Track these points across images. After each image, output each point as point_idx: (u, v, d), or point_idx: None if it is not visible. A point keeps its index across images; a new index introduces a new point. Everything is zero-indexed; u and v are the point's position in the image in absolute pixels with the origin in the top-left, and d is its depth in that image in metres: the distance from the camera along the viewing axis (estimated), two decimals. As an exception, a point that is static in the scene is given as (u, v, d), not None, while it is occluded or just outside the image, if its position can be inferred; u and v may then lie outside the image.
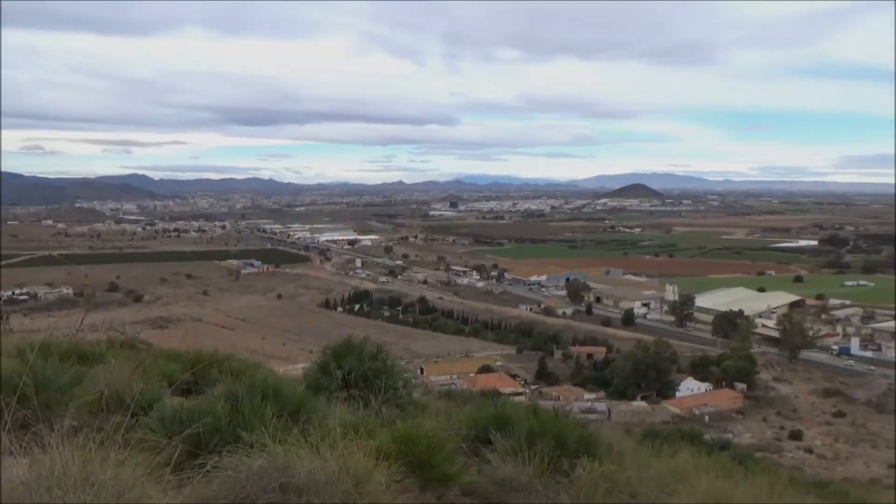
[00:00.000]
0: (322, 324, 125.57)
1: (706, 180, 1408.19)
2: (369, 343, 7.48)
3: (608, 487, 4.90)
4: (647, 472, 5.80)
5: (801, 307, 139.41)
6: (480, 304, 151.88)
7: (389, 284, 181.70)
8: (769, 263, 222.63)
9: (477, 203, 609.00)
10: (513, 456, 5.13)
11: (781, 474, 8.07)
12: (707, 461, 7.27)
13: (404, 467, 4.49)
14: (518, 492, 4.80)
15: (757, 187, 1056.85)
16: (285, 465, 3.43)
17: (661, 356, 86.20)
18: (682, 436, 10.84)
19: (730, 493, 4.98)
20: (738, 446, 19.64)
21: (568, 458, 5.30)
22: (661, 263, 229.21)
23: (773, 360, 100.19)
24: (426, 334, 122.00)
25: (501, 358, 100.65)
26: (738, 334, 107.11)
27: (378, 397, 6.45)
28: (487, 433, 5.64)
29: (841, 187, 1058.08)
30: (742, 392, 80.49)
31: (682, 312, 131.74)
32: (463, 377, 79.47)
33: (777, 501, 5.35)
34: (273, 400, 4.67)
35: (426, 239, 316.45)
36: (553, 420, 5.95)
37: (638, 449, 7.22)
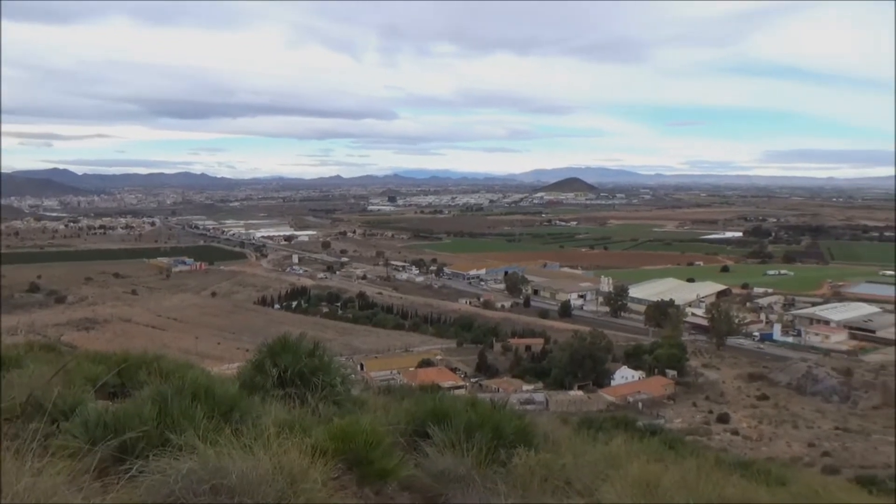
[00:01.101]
0: (258, 322, 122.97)
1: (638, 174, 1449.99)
2: (306, 340, 7.36)
3: (544, 475, 4.98)
4: (582, 458, 5.93)
5: (727, 296, 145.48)
6: (420, 299, 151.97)
7: (328, 280, 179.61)
8: (698, 254, 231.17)
9: (415, 197, 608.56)
10: (451, 448, 5.16)
11: (709, 456, 8.41)
12: (639, 446, 7.51)
13: (341, 464, 4.44)
14: (456, 483, 4.83)
15: (686, 181, 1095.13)
16: (217, 467, 3.34)
17: (597, 346, 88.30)
18: (616, 423, 11.15)
19: (660, 476, 5.14)
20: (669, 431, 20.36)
21: (505, 448, 5.37)
22: (597, 256, 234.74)
23: (702, 348, 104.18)
24: (366, 330, 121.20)
25: (441, 352, 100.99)
26: (669, 323, 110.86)
27: (315, 395, 6.37)
28: (426, 427, 5.64)
29: (764, 181, 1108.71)
30: (673, 379, 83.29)
31: (617, 303, 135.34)
32: (403, 372, 79.36)
33: (704, 482, 5.55)
34: (204, 400, 4.54)
35: (365, 234, 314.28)
36: (491, 412, 6.00)
37: (574, 437, 7.38)
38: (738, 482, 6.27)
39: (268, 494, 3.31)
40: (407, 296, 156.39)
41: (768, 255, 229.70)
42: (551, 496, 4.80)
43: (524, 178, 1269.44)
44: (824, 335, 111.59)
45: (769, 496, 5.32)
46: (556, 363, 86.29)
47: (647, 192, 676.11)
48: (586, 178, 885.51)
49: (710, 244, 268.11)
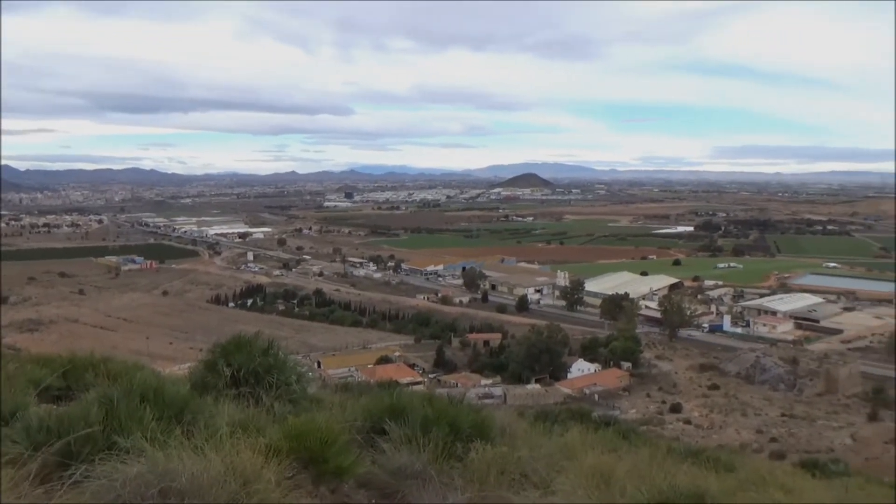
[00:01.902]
0: (212, 321, 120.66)
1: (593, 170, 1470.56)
2: (260, 338, 7.25)
3: (500, 468, 5.02)
4: (538, 451, 6.01)
5: (679, 289, 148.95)
6: (378, 295, 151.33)
7: (284, 278, 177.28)
8: (651, 248, 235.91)
9: (372, 193, 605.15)
10: (408, 444, 5.16)
11: (661, 445, 8.61)
12: (594, 437, 7.64)
13: (296, 463, 4.39)
14: (412, 479, 4.83)
15: (640, 176, 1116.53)
16: (166, 470, 3.26)
17: (554, 340, 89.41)
18: (572, 415, 11.31)
19: (613, 466, 5.24)
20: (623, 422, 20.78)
21: (462, 442, 5.39)
22: (553, 251, 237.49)
23: (656, 340, 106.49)
24: (323, 327, 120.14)
25: (400, 348, 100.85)
26: (624, 316, 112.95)
27: (270, 394, 6.28)
28: (383, 424, 5.63)
29: (713, 176, 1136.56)
30: (628, 370, 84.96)
31: (573, 297, 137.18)
32: (361, 369, 78.97)
33: (656, 471, 5.68)
34: (154, 402, 4.43)
35: (321, 230, 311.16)
36: (448, 407, 6.01)
37: (530, 430, 7.46)
38: (689, 470, 6.44)
39: (219, 496, 3.25)
40: (364, 292, 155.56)
41: (718, 248, 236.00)
42: (507, 489, 4.85)
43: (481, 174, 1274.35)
44: (771, 325, 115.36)
45: (718, 482, 5.47)
46: (514, 357, 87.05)
47: (601, 188, 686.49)
48: (542, 174, 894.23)
49: (663, 238, 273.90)
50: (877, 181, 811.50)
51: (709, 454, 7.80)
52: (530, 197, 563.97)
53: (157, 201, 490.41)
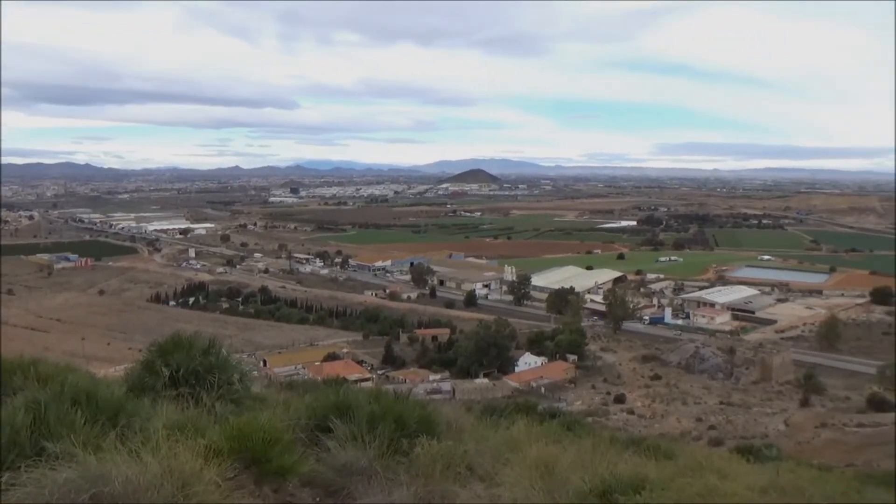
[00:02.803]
0: (152, 320, 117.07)
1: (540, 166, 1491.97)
2: (201, 337, 7.08)
3: (446, 463, 5.04)
4: (484, 444, 6.06)
5: (623, 282, 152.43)
6: (325, 292, 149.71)
7: (227, 275, 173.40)
8: (596, 243, 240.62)
9: (319, 189, 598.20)
10: (353, 441, 5.13)
11: (604, 435, 8.80)
12: (539, 430, 7.74)
13: (238, 463, 4.32)
14: (358, 476, 4.80)
15: (585, 172, 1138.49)
16: (98, 475, 3.14)
17: (502, 334, 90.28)
18: (518, 408, 11.43)
19: (557, 456, 5.33)
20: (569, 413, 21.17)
21: (408, 438, 5.39)
22: (500, 246, 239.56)
23: (600, 332, 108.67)
24: (269, 325, 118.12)
25: (347, 345, 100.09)
26: (570, 310, 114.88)
27: (211, 394, 6.14)
28: (328, 421, 5.58)
29: (656, 172, 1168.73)
30: (574, 363, 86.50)
31: (520, 292, 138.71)
32: (308, 367, 78.08)
33: (598, 460, 5.81)
34: (86, 405, 4.27)
35: (266, 226, 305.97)
36: (394, 403, 6.00)
37: (477, 424, 7.50)
38: (630, 458, 6.60)
39: (155, 499, 3.16)
40: (311, 289, 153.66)
41: (660, 242, 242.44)
42: (453, 483, 4.87)
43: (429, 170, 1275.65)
44: (710, 317, 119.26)
45: (658, 470, 5.62)
46: (462, 352, 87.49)
47: (548, 184, 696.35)
48: (490, 170, 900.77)
49: (607, 233, 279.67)
50: (808, 177, 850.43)
51: (649, 443, 8.03)
52: (478, 192, 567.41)
53: (93, 197, 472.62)
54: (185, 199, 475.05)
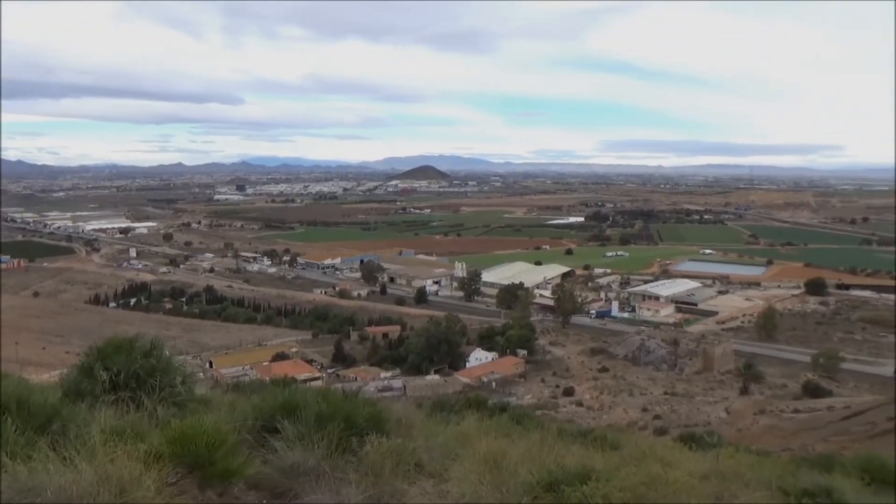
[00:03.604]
0: (91, 322, 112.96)
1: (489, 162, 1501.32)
2: (142, 339, 6.86)
3: (396, 460, 5.03)
4: (434, 440, 6.07)
5: (571, 277, 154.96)
6: (273, 291, 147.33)
7: (171, 275, 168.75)
8: (545, 239, 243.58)
9: (266, 186, 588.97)
10: (301, 441, 5.06)
11: (552, 428, 8.93)
12: (489, 424, 7.81)
13: (181, 468, 4.21)
14: (305, 476, 4.74)
15: (533, 169, 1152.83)
16: (29, 485, 3.01)
17: (452, 330, 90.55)
18: (469, 403, 11.51)
19: (506, 450, 5.38)
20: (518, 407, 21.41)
21: (357, 436, 5.35)
22: (451, 242, 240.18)
23: (549, 327, 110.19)
24: (215, 325, 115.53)
25: (297, 344, 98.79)
26: (519, 305, 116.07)
27: (153, 397, 5.96)
28: (275, 422, 5.49)
29: (602, 169, 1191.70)
30: (524, 357, 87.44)
31: (470, 288, 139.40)
32: (256, 367, 76.70)
33: (546, 453, 5.90)
34: (17, 413, 4.08)
35: (211, 224, 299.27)
36: (343, 402, 5.95)
37: (427, 420, 7.51)
38: (578, 450, 6.72)
39: (91, 508, 3.05)
40: (259, 288, 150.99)
41: (607, 238, 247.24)
42: (402, 480, 4.86)
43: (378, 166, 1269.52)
44: (655, 310, 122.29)
45: (604, 460, 5.74)
46: (413, 349, 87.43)
47: (497, 180, 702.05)
48: (439, 166, 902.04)
49: (556, 229, 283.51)
50: (746, 174, 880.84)
51: (596, 434, 8.19)
52: (427, 189, 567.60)
53: (26, 195, 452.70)
54: (124, 197, 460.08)
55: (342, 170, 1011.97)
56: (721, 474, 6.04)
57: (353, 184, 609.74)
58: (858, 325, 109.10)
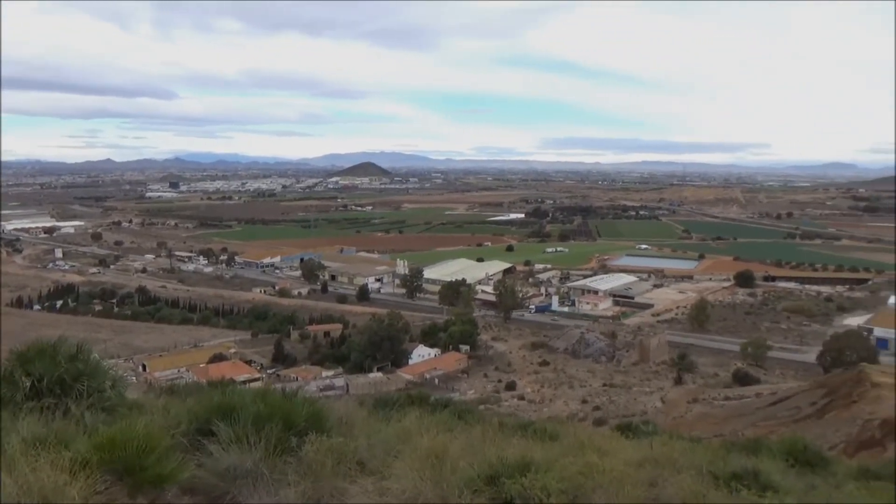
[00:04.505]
0: (14, 326, 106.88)
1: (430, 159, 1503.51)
2: (67, 342, 6.57)
3: (336, 459, 4.98)
4: (376, 437, 6.04)
5: (512, 273, 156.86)
6: (210, 291, 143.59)
7: (101, 276, 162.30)
8: (486, 235, 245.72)
9: (201, 183, 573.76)
10: (237, 443, 4.96)
11: (494, 422, 9.02)
12: (430, 420, 7.81)
13: (110, 475, 4.05)
14: (243, 479, 4.64)
15: (474, 166, 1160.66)
16: (-60, 499, 2.84)
17: (395, 327, 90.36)
18: (411, 400, 11.49)
19: (447, 445, 5.40)
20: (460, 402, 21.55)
21: (297, 436, 5.28)
22: (392, 240, 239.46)
23: (491, 322, 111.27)
24: (148, 327, 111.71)
25: (235, 344, 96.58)
26: (462, 301, 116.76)
27: (80, 403, 5.72)
28: (211, 424, 5.36)
29: (542, 166, 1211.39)
30: (466, 353, 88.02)
31: (413, 285, 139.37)
32: (192, 369, 74.65)
33: (488, 446, 5.95)
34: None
35: (144, 223, 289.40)
36: (282, 402, 5.87)
37: (369, 418, 7.47)
38: (518, 442, 6.81)
39: (10, 521, 2.89)
40: (195, 288, 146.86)
41: (547, 234, 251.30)
42: (343, 479, 4.82)
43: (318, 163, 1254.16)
44: (593, 304, 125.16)
45: (543, 451, 5.83)
46: (355, 347, 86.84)
47: (438, 177, 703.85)
48: (381, 163, 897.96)
49: (497, 225, 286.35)
50: (679, 170, 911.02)
51: (536, 426, 8.32)
52: (369, 186, 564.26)
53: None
54: (49, 194, 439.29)
55: (281, 167, 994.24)
56: (655, 461, 6.24)
57: (292, 181, 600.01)
58: (784, 314, 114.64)
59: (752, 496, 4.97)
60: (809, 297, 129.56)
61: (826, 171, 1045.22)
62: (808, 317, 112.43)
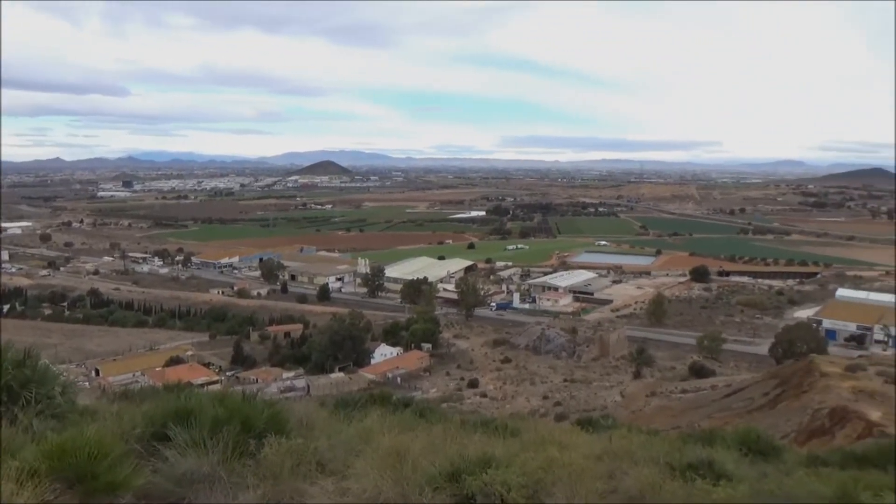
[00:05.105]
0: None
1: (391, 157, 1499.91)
2: (13, 347, 6.35)
3: (296, 461, 4.94)
4: (337, 438, 6.00)
5: (474, 271, 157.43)
6: (166, 292, 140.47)
7: (50, 278, 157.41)
8: (447, 233, 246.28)
9: (156, 182, 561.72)
10: (195, 448, 4.87)
11: (455, 420, 9.05)
12: (392, 419, 7.81)
13: (60, 483, 3.94)
14: (201, 483, 4.56)
15: (435, 164, 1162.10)
16: None
17: (356, 327, 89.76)
18: (373, 399, 11.45)
19: (409, 444, 5.40)
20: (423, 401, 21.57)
21: (256, 439, 5.21)
22: (353, 238, 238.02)
23: (453, 320, 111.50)
24: (101, 330, 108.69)
25: (193, 347, 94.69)
26: (423, 299, 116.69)
27: (28, 410, 5.54)
28: (167, 429, 5.25)
29: (502, 164, 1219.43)
30: (429, 351, 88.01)
31: (374, 284, 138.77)
32: (148, 373, 72.93)
33: (449, 444, 5.97)
34: None
35: (95, 224, 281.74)
36: (241, 404, 5.78)
37: (330, 418, 7.42)
38: (479, 439, 6.85)
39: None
40: (150, 290, 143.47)
41: (507, 231, 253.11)
42: (303, 481, 4.78)
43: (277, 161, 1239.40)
44: (554, 300, 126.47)
45: (504, 447, 5.88)
46: (316, 347, 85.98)
47: (399, 175, 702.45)
48: (340, 162, 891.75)
49: (458, 223, 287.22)
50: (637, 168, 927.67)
51: (497, 423, 8.38)
52: (328, 184, 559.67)
53: None
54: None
55: (239, 165, 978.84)
56: (614, 454, 6.35)
57: (251, 180, 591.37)
58: (738, 308, 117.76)
59: (707, 485, 5.09)
60: (762, 291, 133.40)
61: (776, 168, 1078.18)
62: (761, 310, 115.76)
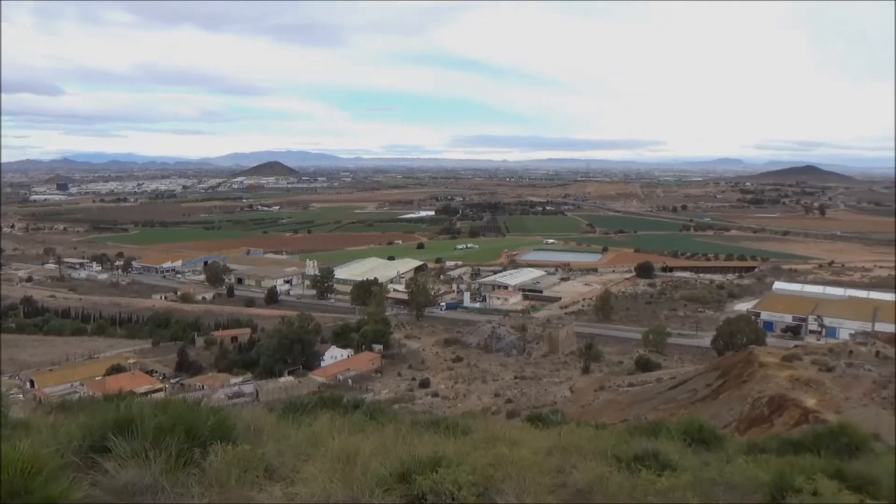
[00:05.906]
0: None
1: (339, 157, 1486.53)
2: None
3: (243, 468, 4.84)
4: (286, 443, 5.92)
5: (424, 270, 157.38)
6: (105, 299, 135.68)
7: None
8: (397, 233, 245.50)
9: (93, 184, 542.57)
10: (136, 458, 4.72)
11: (406, 420, 9.03)
12: (342, 422, 7.75)
13: (-9, 501, 3.76)
14: (143, 494, 4.42)
15: (384, 164, 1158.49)
16: None
17: (306, 329, 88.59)
18: (323, 402, 11.33)
19: (359, 446, 5.37)
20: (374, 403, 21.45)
21: (201, 447, 5.09)
22: (301, 240, 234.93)
23: (404, 320, 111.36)
24: (36, 340, 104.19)
25: (135, 354, 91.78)
26: (374, 300, 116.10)
27: (-44, 425, 5.29)
28: (106, 440, 5.08)
29: (451, 163, 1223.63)
30: (380, 352, 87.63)
31: (323, 285, 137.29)
32: (88, 383, 70.33)
33: (400, 444, 5.96)
34: None
35: (28, 228, 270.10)
36: (185, 412, 5.64)
37: (278, 423, 7.31)
38: (430, 439, 6.85)
39: None
40: (88, 296, 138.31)
41: (457, 231, 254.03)
42: (250, 488, 4.69)
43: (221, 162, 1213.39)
44: (504, 299, 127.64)
45: (455, 446, 5.89)
46: (265, 351, 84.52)
47: (347, 175, 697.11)
48: (287, 162, 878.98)
49: (408, 223, 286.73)
50: (583, 167, 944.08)
51: (448, 422, 8.39)
52: (275, 185, 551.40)
53: None
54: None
55: (181, 166, 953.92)
56: (563, 448, 6.45)
57: (194, 181, 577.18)
58: (681, 302, 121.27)
59: (651, 476, 5.22)
60: (703, 286, 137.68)
61: (716, 166, 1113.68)
62: (703, 304, 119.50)
